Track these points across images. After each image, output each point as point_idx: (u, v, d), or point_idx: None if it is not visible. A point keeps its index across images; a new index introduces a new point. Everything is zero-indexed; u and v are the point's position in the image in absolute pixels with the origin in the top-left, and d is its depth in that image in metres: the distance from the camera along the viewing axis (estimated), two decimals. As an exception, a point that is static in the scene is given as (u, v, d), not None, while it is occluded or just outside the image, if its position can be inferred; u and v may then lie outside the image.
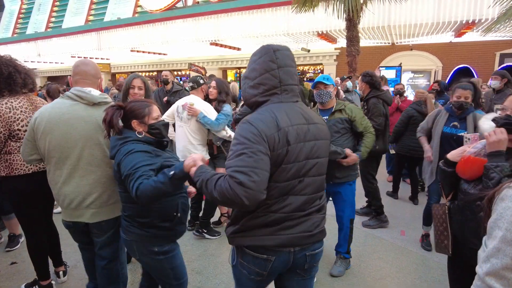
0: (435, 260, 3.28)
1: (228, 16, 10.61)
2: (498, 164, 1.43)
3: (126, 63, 17.82)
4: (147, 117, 1.89)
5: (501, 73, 4.61)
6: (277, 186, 1.41)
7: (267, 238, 1.45)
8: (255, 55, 1.52)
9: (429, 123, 3.44)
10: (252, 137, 1.34)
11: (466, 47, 11.28)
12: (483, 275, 1.07)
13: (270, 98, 1.48)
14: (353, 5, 6.53)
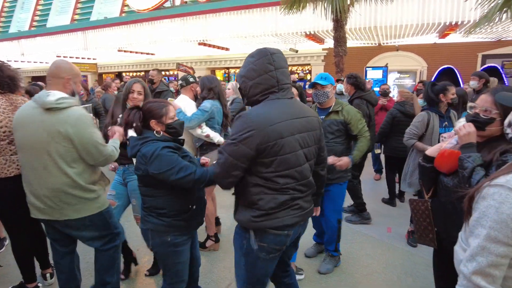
0: (420, 256, 3.36)
1: (216, 16, 10.59)
2: (471, 154, 1.51)
3: (113, 63, 17.61)
4: (164, 117, 1.99)
5: (479, 74, 4.78)
6: (286, 174, 1.67)
7: (288, 218, 1.72)
8: (253, 56, 1.69)
9: (422, 129, 3.36)
10: (243, 129, 1.57)
11: (449, 48, 11.54)
12: (469, 274, 1.10)
13: (268, 96, 1.68)
14: (340, 6, 6.61)
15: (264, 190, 1.68)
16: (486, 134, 1.57)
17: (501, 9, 4.67)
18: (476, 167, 1.47)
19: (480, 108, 1.56)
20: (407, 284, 2.93)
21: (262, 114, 1.60)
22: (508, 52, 10.89)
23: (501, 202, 1.05)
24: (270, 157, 1.61)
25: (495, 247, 1.06)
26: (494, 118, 1.51)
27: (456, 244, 1.37)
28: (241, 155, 1.60)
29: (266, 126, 1.57)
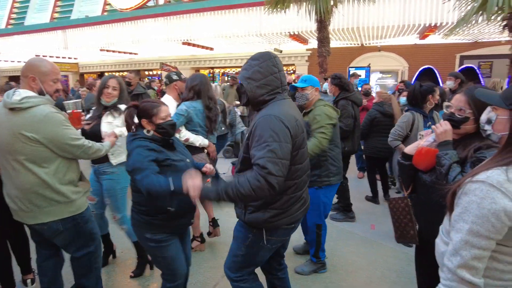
0: (403, 252, 3.44)
1: (200, 16, 10.54)
2: (447, 152, 1.59)
3: (95, 62, 17.27)
4: (155, 117, 2.03)
5: (455, 74, 4.97)
6: (301, 167, 1.80)
7: (298, 214, 1.86)
8: (257, 59, 1.79)
9: (406, 129, 3.41)
10: (281, 132, 1.63)
11: (429, 49, 11.85)
12: (454, 268, 1.13)
13: (275, 96, 1.79)
14: (323, 7, 6.69)
15: (283, 187, 1.72)
16: (461, 132, 1.65)
17: (477, 12, 4.85)
18: (452, 164, 1.54)
19: (455, 108, 1.63)
20: (391, 280, 3.00)
21: (285, 113, 1.69)
22: (484, 53, 11.28)
23: (482, 197, 1.08)
24: (296, 150, 1.72)
25: (477, 241, 1.09)
26: (468, 117, 1.59)
27: (437, 237, 1.41)
28: (288, 153, 1.65)
29: (293, 122, 1.69)
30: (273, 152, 1.58)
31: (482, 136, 1.57)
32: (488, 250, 1.10)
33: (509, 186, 1.05)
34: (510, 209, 1.04)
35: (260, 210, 1.78)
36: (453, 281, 1.14)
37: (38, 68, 2.04)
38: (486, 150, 1.53)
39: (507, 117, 1.16)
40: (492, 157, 1.20)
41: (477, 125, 1.58)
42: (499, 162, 1.12)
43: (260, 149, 1.60)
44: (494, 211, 1.06)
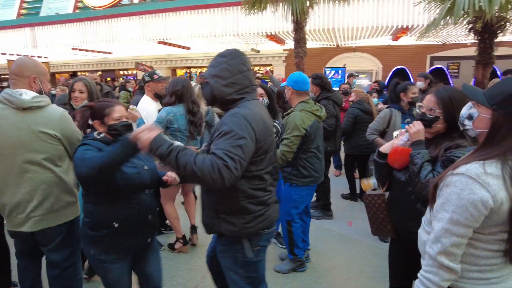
0: (379, 247, 3.55)
1: (176, 15, 10.42)
2: (420, 151, 1.67)
3: (67, 62, 16.70)
4: (107, 118, 1.85)
5: (425, 75, 5.18)
6: (268, 170, 1.74)
7: (274, 216, 1.82)
8: (225, 56, 1.69)
9: (383, 124, 3.54)
10: (246, 132, 1.54)
11: (402, 50, 12.25)
12: (435, 255, 1.22)
13: (244, 96, 1.70)
14: (299, 8, 6.77)
15: (252, 191, 1.68)
16: (433, 131, 1.73)
17: (445, 16, 5.06)
18: (424, 162, 1.63)
19: (426, 108, 1.71)
20: (368, 274, 3.08)
21: (253, 114, 1.62)
22: (452, 54, 11.80)
23: (462, 188, 1.16)
24: (262, 153, 1.66)
25: (457, 229, 1.18)
26: (438, 116, 1.67)
27: (420, 227, 1.50)
28: (249, 155, 1.57)
29: (260, 124, 1.62)
30: (235, 149, 1.50)
31: (452, 136, 1.67)
32: (466, 238, 1.19)
33: (486, 178, 1.14)
34: (487, 199, 1.12)
35: (233, 216, 1.70)
36: (434, 267, 1.23)
37: (38, 68, 2.07)
38: (455, 149, 1.62)
39: (488, 116, 1.21)
40: (471, 152, 1.28)
41: (447, 125, 1.68)
42: (477, 157, 1.20)
43: (222, 142, 1.52)
44: (473, 201, 1.14)
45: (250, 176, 1.65)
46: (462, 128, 1.36)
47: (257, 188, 1.69)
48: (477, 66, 5.68)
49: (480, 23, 5.03)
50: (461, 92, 1.67)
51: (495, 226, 1.18)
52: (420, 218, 1.73)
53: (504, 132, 1.17)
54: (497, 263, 1.23)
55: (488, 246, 1.22)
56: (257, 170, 1.67)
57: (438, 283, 1.22)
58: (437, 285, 1.22)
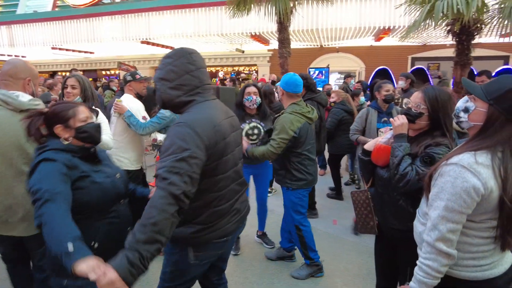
0: (364, 245, 3.60)
1: (159, 14, 10.31)
2: (402, 144, 1.74)
3: (46, 61, 16.26)
4: (72, 120, 1.62)
5: (406, 75, 5.35)
6: (224, 176, 1.58)
7: (229, 226, 1.65)
8: (170, 57, 1.57)
9: (361, 124, 3.68)
10: (191, 141, 1.39)
11: (384, 51, 12.49)
12: (433, 242, 1.29)
13: (195, 97, 1.57)
14: (283, 9, 6.80)
15: (204, 201, 1.55)
16: (416, 127, 1.78)
17: (426, 18, 5.20)
18: (405, 155, 1.70)
19: (412, 104, 1.77)
20: (354, 272, 3.12)
21: (201, 118, 1.48)
22: (432, 55, 12.11)
23: (455, 177, 1.24)
24: (215, 160, 1.51)
25: (452, 216, 1.26)
26: (422, 112, 1.73)
27: (415, 219, 1.57)
28: (198, 164, 1.40)
29: (209, 128, 1.47)
30: (179, 163, 1.34)
31: (433, 135, 1.73)
32: (461, 224, 1.27)
33: (477, 167, 1.22)
34: (478, 186, 1.21)
35: (183, 224, 1.54)
36: (432, 253, 1.30)
37: (33, 71, 2.04)
38: (435, 147, 1.68)
39: (484, 110, 1.28)
40: (463, 143, 1.37)
41: (430, 122, 1.74)
42: (469, 148, 1.29)
43: (165, 158, 1.38)
44: (466, 188, 1.22)
45: (202, 183, 1.49)
46: (456, 120, 1.43)
47: (210, 196, 1.56)
48: (456, 66, 5.84)
49: (458, 25, 5.18)
50: (447, 94, 1.76)
51: (485, 213, 1.26)
52: (403, 215, 1.79)
53: (497, 126, 1.25)
54: (488, 250, 1.31)
55: (480, 234, 1.30)
56: (210, 177, 1.52)
57: (438, 269, 1.29)
58: (437, 270, 1.30)
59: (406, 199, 1.79)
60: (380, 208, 1.97)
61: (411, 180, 1.65)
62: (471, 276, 1.33)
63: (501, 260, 1.35)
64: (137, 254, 1.20)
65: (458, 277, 1.35)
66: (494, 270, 1.33)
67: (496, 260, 1.33)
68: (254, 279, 3.01)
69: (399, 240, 1.85)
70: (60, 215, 1.34)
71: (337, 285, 2.95)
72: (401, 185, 1.68)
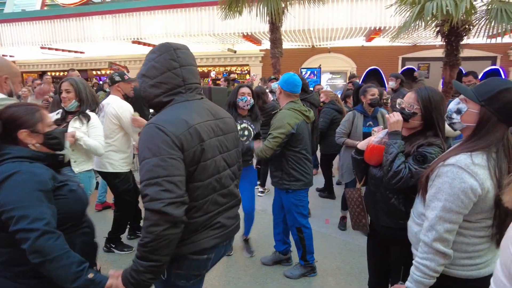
0: (355, 244, 3.64)
1: (151, 14, 10.24)
2: (397, 141, 1.76)
3: (35, 61, 16.02)
4: (40, 124, 1.43)
5: (396, 75, 5.49)
6: (201, 185, 1.40)
7: (206, 241, 1.44)
8: (154, 52, 1.45)
9: (348, 127, 3.70)
10: (161, 143, 1.26)
11: (375, 51, 12.60)
12: (430, 242, 1.32)
13: (174, 97, 1.44)
14: (274, 9, 6.82)
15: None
16: (410, 126, 1.81)
17: (416, 19, 5.27)
18: (399, 153, 1.73)
19: (406, 103, 1.80)
20: (345, 271, 3.15)
21: (171, 119, 1.34)
22: (422, 55, 12.25)
23: (453, 178, 1.27)
24: (193, 165, 1.35)
25: (449, 216, 1.28)
26: (416, 112, 1.76)
27: (409, 219, 1.59)
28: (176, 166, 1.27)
29: (182, 129, 1.31)
30: (152, 171, 1.23)
31: (426, 135, 1.76)
32: (457, 224, 1.30)
33: (474, 168, 1.25)
34: (475, 187, 1.24)
35: None
36: (429, 253, 1.33)
37: (11, 69, 1.93)
38: (428, 146, 1.71)
39: (476, 111, 1.31)
40: (459, 144, 1.40)
41: (424, 122, 1.77)
42: (465, 149, 1.31)
43: (141, 170, 1.26)
44: (463, 189, 1.25)
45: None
46: (448, 122, 1.45)
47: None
48: (445, 67, 5.94)
49: (447, 26, 5.26)
50: (440, 94, 1.79)
51: (481, 213, 1.29)
52: (394, 213, 1.82)
53: (489, 126, 1.29)
54: (483, 249, 1.35)
55: (476, 233, 1.33)
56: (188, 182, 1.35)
57: (435, 268, 1.32)
58: (434, 270, 1.32)
59: (398, 197, 1.81)
60: (372, 206, 1.99)
61: (404, 178, 1.67)
62: (467, 275, 1.36)
63: (493, 258, 1.38)
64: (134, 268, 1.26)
65: (455, 276, 1.37)
66: (488, 268, 1.36)
67: (490, 259, 1.37)
68: (247, 279, 3.01)
69: (391, 238, 1.87)
70: (60, 245, 1.24)
71: (330, 284, 2.97)
72: (394, 182, 1.70)
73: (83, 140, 2.68)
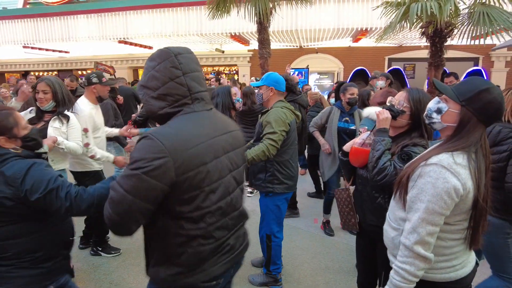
0: (344, 243, 3.67)
1: (137, 13, 10.12)
2: (384, 138, 1.78)
3: (17, 60, 15.63)
4: (16, 128, 1.51)
5: (386, 75, 5.62)
6: (209, 210, 1.27)
7: (217, 268, 1.33)
8: (153, 60, 1.30)
9: (322, 119, 3.86)
10: (151, 155, 1.13)
11: (362, 51, 12.75)
12: (411, 245, 1.28)
13: (182, 108, 1.28)
14: (263, 9, 6.83)
15: (188, 239, 1.25)
16: (397, 125, 1.83)
17: (401, 20, 5.37)
18: (385, 150, 1.75)
19: (396, 101, 1.83)
20: (335, 270, 3.18)
21: (175, 135, 1.20)
22: (408, 56, 12.47)
23: (436, 178, 1.24)
24: (192, 191, 1.20)
25: (432, 218, 1.25)
26: (404, 111, 1.78)
27: (385, 223, 1.57)
28: (148, 192, 1.13)
29: (183, 151, 1.17)
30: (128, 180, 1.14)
31: (411, 136, 1.79)
32: (439, 227, 1.27)
33: (456, 168, 1.24)
34: (458, 187, 1.22)
35: (161, 264, 1.30)
36: (410, 257, 1.29)
37: None
38: (412, 146, 1.74)
39: (457, 111, 1.30)
40: (439, 144, 1.38)
41: (411, 123, 1.80)
42: (446, 149, 1.29)
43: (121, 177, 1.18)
44: (447, 189, 1.22)
45: (183, 218, 1.23)
46: (428, 121, 1.42)
47: (194, 234, 1.25)
48: (430, 67, 6.05)
49: (431, 28, 5.37)
50: (429, 97, 1.80)
51: (459, 214, 1.28)
52: (381, 212, 1.84)
53: (470, 127, 1.27)
54: (459, 251, 1.34)
55: (453, 236, 1.32)
56: (190, 212, 1.22)
57: (414, 273, 1.28)
58: (414, 275, 1.29)
59: (384, 197, 1.84)
60: (360, 206, 2.02)
61: (389, 175, 1.69)
62: (446, 278, 1.35)
63: (468, 258, 1.39)
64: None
65: (433, 280, 1.35)
66: (465, 269, 1.37)
67: (465, 259, 1.37)
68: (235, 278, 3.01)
69: (377, 236, 1.89)
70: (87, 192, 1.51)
71: (319, 283, 2.98)
72: (379, 178, 1.72)
73: (63, 144, 2.65)
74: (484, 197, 1.27)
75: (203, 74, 1.42)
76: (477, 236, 1.33)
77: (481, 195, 1.25)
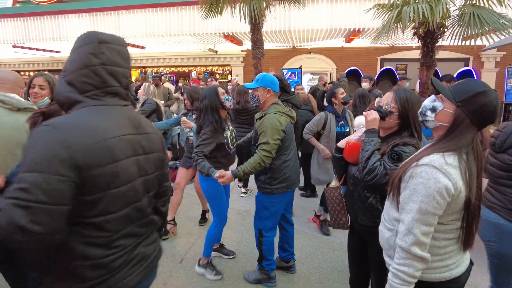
0: (337, 242, 3.69)
1: (130, 13, 10.04)
2: (373, 138, 1.79)
3: (7, 60, 15.39)
4: None
5: (369, 77, 5.80)
6: (113, 218, 1.13)
7: (128, 280, 1.20)
8: (78, 41, 1.19)
9: (318, 127, 3.79)
10: (50, 152, 0.96)
11: (354, 52, 12.82)
12: (408, 247, 1.28)
13: (84, 100, 1.14)
14: (256, 9, 6.83)
15: (91, 248, 1.09)
16: (386, 125, 1.85)
17: (395, 22, 5.43)
18: (375, 150, 1.76)
19: (383, 102, 1.84)
20: (328, 269, 3.19)
21: (81, 125, 1.05)
22: (400, 56, 12.57)
23: (428, 178, 1.25)
24: (97, 192, 1.06)
25: (425, 218, 1.26)
26: (392, 111, 1.80)
27: (380, 224, 1.58)
28: (57, 193, 0.96)
29: (89, 143, 1.03)
30: (28, 191, 0.92)
31: (401, 135, 1.81)
32: (433, 226, 1.28)
33: (447, 168, 1.24)
34: (450, 186, 1.23)
35: (63, 279, 1.10)
36: (408, 259, 1.29)
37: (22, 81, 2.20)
38: (403, 146, 1.75)
39: (452, 111, 1.30)
40: (430, 144, 1.38)
41: (400, 123, 1.82)
42: (437, 149, 1.30)
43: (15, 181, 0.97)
44: (438, 189, 1.23)
45: (85, 223, 1.07)
46: (421, 118, 1.42)
47: (92, 243, 1.09)
48: (421, 68, 6.12)
49: (423, 29, 5.43)
50: (417, 96, 1.83)
51: (452, 214, 1.29)
52: (372, 212, 1.85)
53: (462, 128, 1.28)
54: (453, 250, 1.35)
55: (446, 236, 1.33)
56: (93, 217, 1.07)
57: (413, 274, 1.29)
58: (412, 276, 1.29)
59: (375, 196, 1.86)
60: (351, 205, 2.03)
61: (379, 175, 1.70)
62: (440, 277, 1.35)
63: (463, 257, 1.40)
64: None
65: (428, 280, 1.36)
66: (459, 268, 1.38)
67: (459, 259, 1.38)
68: (231, 281, 3.00)
69: (368, 236, 1.91)
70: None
71: (313, 283, 2.99)
72: (369, 178, 1.73)
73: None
74: (477, 198, 1.29)
75: (129, 72, 1.28)
76: (470, 236, 1.34)
77: (473, 195, 1.27)
